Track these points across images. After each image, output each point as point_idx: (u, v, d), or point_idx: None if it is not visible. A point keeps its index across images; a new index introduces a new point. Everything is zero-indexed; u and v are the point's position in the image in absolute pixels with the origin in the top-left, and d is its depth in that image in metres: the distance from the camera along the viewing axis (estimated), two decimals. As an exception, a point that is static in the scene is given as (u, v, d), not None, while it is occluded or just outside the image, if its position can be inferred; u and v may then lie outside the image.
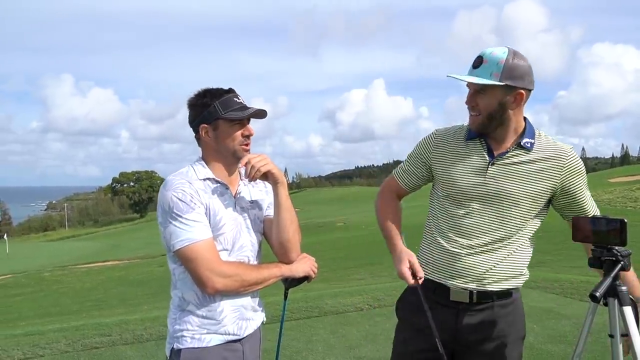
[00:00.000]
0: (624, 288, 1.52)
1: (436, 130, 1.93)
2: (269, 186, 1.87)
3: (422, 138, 1.95)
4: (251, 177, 1.69)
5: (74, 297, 12.57)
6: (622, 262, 1.51)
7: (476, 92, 1.72)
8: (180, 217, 1.63)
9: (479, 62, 1.70)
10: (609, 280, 1.47)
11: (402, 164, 2.02)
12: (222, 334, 1.70)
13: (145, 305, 9.09)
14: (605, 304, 1.58)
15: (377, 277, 9.33)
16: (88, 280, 16.58)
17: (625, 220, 1.51)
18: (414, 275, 1.74)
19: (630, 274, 1.72)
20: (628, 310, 1.52)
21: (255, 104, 1.76)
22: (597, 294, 1.44)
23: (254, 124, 1.80)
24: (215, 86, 1.77)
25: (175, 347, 1.69)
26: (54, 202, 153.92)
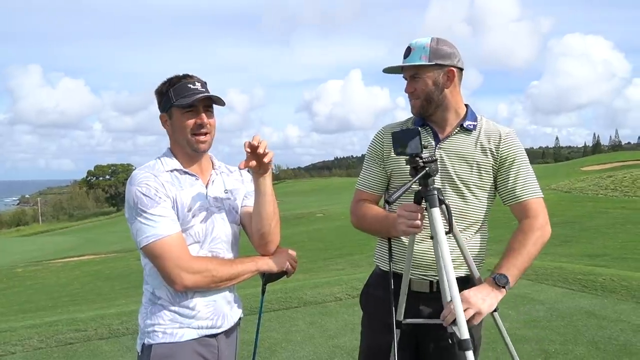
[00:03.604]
0: (434, 192, 1.61)
1: (383, 127, 1.99)
2: (245, 175, 1.83)
3: (371, 140, 2.00)
4: (258, 153, 1.57)
5: (49, 293, 12.28)
6: (426, 168, 1.60)
7: (412, 79, 1.84)
8: (145, 212, 1.57)
9: (408, 51, 1.83)
10: (406, 187, 1.55)
11: (360, 174, 2.02)
12: (195, 329, 1.66)
13: (123, 299, 8.95)
14: (426, 209, 1.66)
15: (356, 267, 9.37)
16: (63, 275, 16.22)
17: (419, 128, 1.64)
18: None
19: (518, 257, 1.73)
20: (435, 212, 1.61)
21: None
22: (390, 200, 1.52)
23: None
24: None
25: (146, 342, 1.64)
26: (26, 196, 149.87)
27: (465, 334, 1.55)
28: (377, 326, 1.92)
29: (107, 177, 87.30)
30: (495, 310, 1.79)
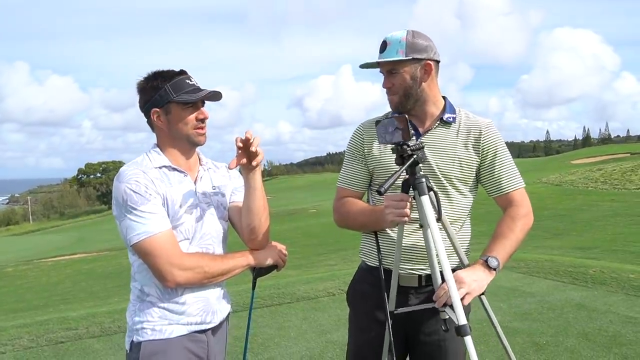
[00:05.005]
0: (423, 180, 1.61)
1: (361, 124, 1.97)
2: (232, 171, 1.82)
3: (350, 136, 1.98)
4: (251, 149, 1.58)
5: (40, 292, 12.18)
6: (414, 156, 1.59)
7: (389, 74, 1.82)
8: (135, 209, 1.56)
9: (384, 46, 1.81)
10: (396, 176, 1.54)
11: (341, 171, 2.00)
12: (185, 325, 1.65)
13: (115, 297, 8.89)
14: (413, 197, 1.66)
15: (349, 262, 9.39)
16: (55, 274, 16.08)
17: (406, 116, 1.61)
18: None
19: (507, 241, 1.76)
20: (425, 199, 1.61)
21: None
22: (382, 189, 1.52)
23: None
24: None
25: (135, 339, 1.62)
26: (16, 195, 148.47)
27: (462, 319, 1.54)
28: (364, 321, 1.92)
29: (98, 174, 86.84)
30: (482, 294, 1.79)
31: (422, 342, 1.86)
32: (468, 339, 1.54)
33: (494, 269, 1.69)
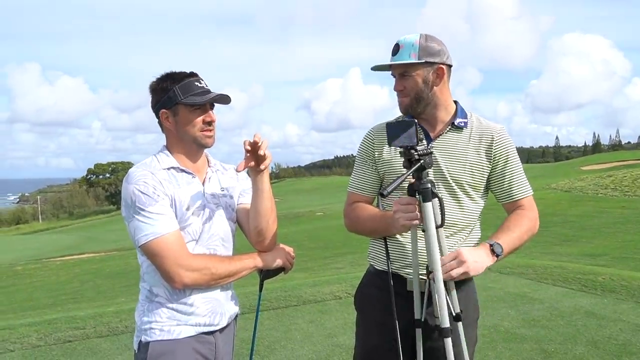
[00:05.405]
0: (428, 186, 1.62)
1: (372, 128, 1.96)
2: (240, 173, 1.83)
3: (361, 141, 1.98)
4: (259, 152, 1.59)
5: (49, 291, 12.28)
6: (421, 161, 1.59)
7: (401, 76, 1.81)
8: (144, 210, 1.57)
9: (396, 49, 1.81)
10: (400, 180, 1.55)
11: (352, 176, 1.99)
12: (193, 326, 1.65)
13: (123, 297, 8.95)
14: (419, 203, 1.67)
15: (356, 265, 9.37)
16: (63, 273, 16.21)
17: (415, 120, 1.62)
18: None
19: (513, 235, 1.77)
20: (427, 206, 1.61)
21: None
22: (385, 192, 1.53)
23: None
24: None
25: (143, 340, 1.64)
26: (26, 194, 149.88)
27: (446, 322, 1.62)
28: (371, 326, 1.91)
29: (107, 175, 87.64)
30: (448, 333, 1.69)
31: (429, 348, 1.85)
32: (447, 341, 1.63)
33: (497, 256, 1.70)
